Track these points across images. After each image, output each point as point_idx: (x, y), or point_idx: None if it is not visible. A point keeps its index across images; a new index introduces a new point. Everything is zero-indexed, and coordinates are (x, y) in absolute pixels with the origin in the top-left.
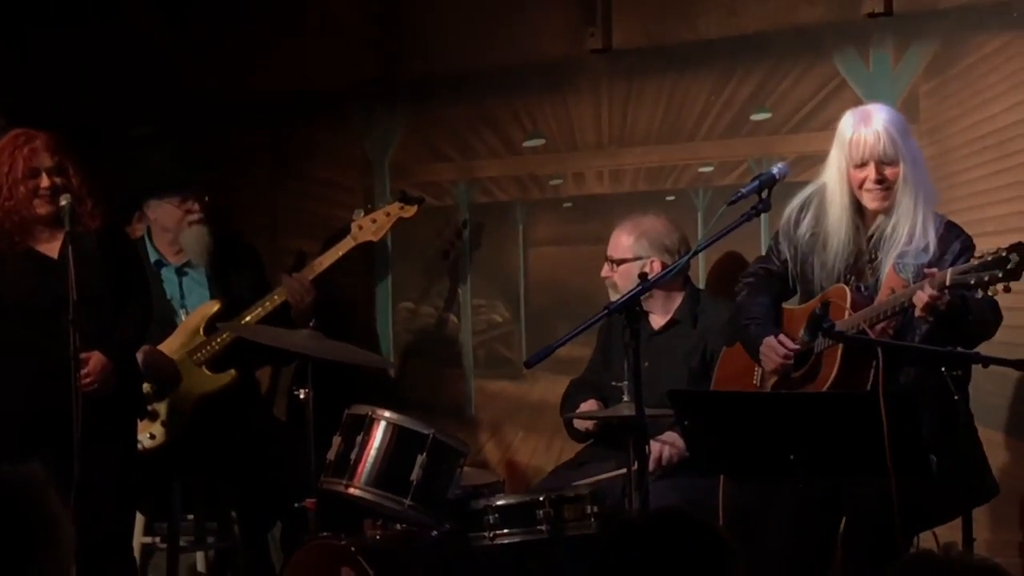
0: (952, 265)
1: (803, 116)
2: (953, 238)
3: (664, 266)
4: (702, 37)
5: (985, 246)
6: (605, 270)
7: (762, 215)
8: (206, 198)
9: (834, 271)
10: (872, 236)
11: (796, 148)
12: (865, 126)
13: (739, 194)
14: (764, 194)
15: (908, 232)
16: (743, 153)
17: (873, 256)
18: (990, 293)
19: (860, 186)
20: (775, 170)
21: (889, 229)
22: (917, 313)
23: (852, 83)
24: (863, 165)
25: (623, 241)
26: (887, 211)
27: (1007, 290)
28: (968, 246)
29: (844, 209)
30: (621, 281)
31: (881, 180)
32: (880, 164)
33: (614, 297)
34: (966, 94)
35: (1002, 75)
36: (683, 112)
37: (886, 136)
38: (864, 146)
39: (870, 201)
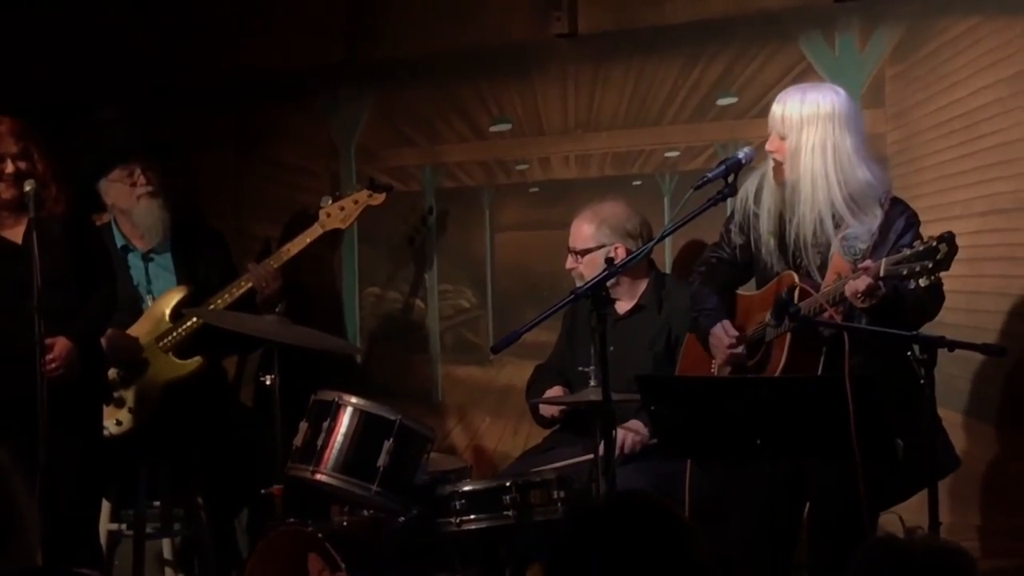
0: (895, 243)
1: (769, 100)
2: (897, 215)
3: (628, 251)
4: (668, 22)
5: (952, 230)
6: (569, 262)
7: (728, 199)
8: (153, 170)
9: (775, 252)
10: (788, 219)
11: (762, 132)
12: (777, 99)
13: (705, 178)
14: (730, 178)
15: (811, 216)
16: (709, 137)
17: (794, 241)
18: (922, 283)
19: None
20: (741, 154)
21: (791, 209)
22: (857, 304)
23: (818, 67)
24: (770, 136)
25: (584, 230)
26: (786, 186)
27: (937, 280)
28: (912, 223)
29: (769, 184)
30: (587, 271)
31: (773, 151)
32: (773, 135)
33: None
34: (932, 78)
35: (968, 59)
36: (649, 97)
37: (782, 108)
38: (769, 117)
39: (775, 173)
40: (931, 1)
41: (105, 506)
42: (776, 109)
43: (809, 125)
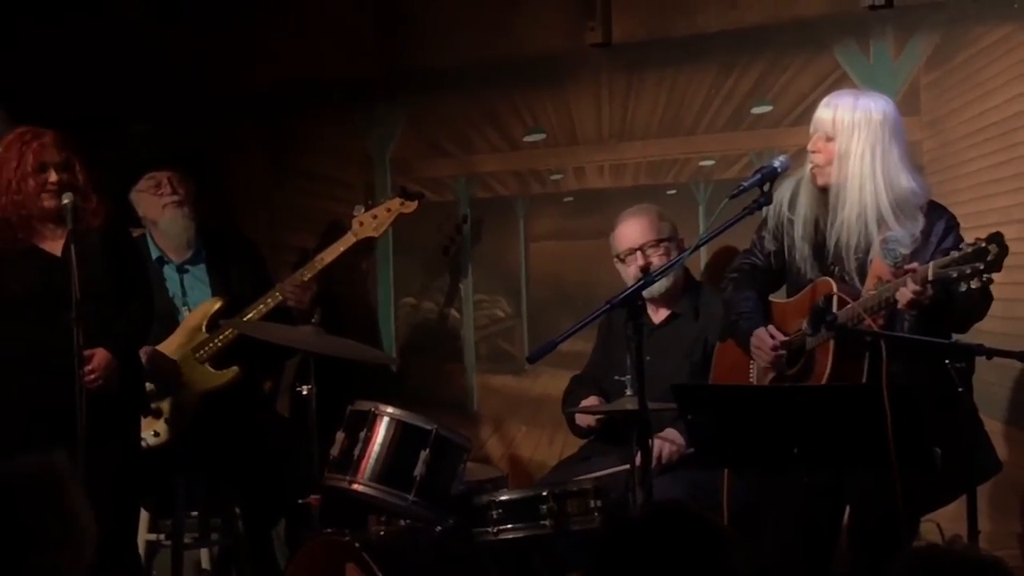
0: (938, 247)
1: (804, 109)
2: (936, 218)
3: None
4: (702, 31)
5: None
6: (639, 260)
7: (763, 208)
8: (180, 180)
9: (809, 258)
10: (829, 223)
11: (797, 141)
12: (826, 102)
13: (741, 187)
14: (766, 187)
15: (857, 220)
16: (744, 146)
17: (834, 247)
18: (974, 285)
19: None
20: (776, 163)
21: (833, 213)
22: (900, 306)
23: (853, 76)
24: (813, 136)
25: (648, 223)
26: (830, 190)
27: (989, 282)
28: (952, 226)
29: (806, 189)
30: (663, 261)
31: (815, 151)
32: (819, 137)
33: (660, 286)
34: (967, 86)
35: (1003, 66)
36: (684, 106)
37: (833, 111)
38: (815, 118)
39: (813, 176)
40: (966, 9)
41: (143, 516)
42: (826, 111)
43: (860, 129)
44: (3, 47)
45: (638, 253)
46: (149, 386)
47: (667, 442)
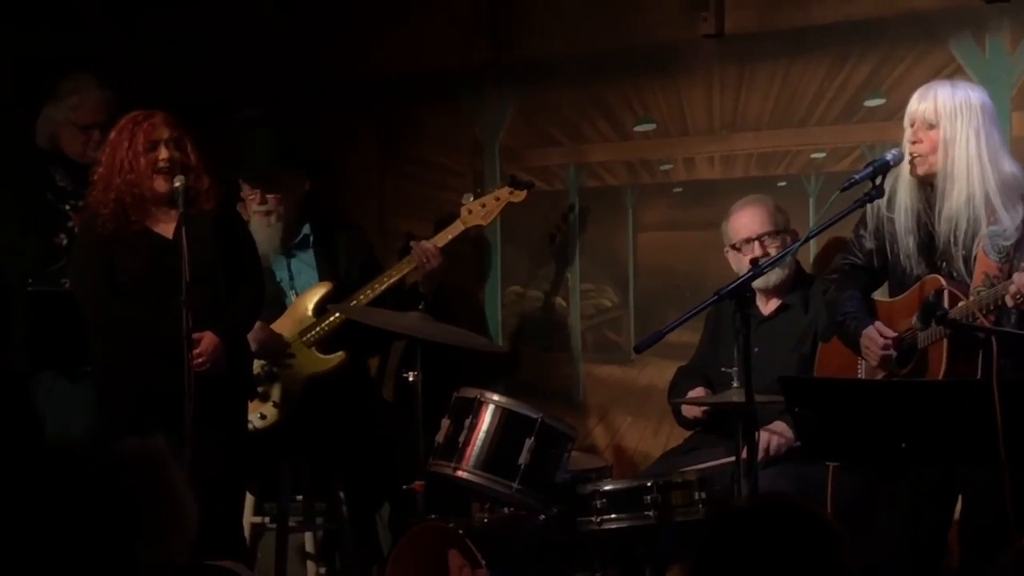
0: None
1: None
2: None
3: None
4: (815, 22)
5: None
6: (756, 249)
7: (874, 201)
8: (275, 191)
9: (914, 254)
10: (937, 213)
11: None
12: (921, 93)
13: (852, 180)
14: (877, 180)
15: (966, 204)
16: (856, 139)
17: (944, 237)
18: None
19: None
20: (889, 156)
21: (940, 201)
22: (1008, 302)
23: (968, 69)
24: (911, 128)
25: (765, 214)
26: (936, 179)
27: None
28: None
29: (906, 184)
30: (778, 252)
31: (916, 141)
32: (919, 127)
33: (774, 277)
34: None
35: None
36: (795, 97)
37: (933, 100)
38: (911, 109)
39: (913, 167)
40: None
41: (248, 499)
42: (924, 100)
43: (963, 113)
44: (120, 32)
45: (755, 243)
46: (256, 368)
47: (775, 435)
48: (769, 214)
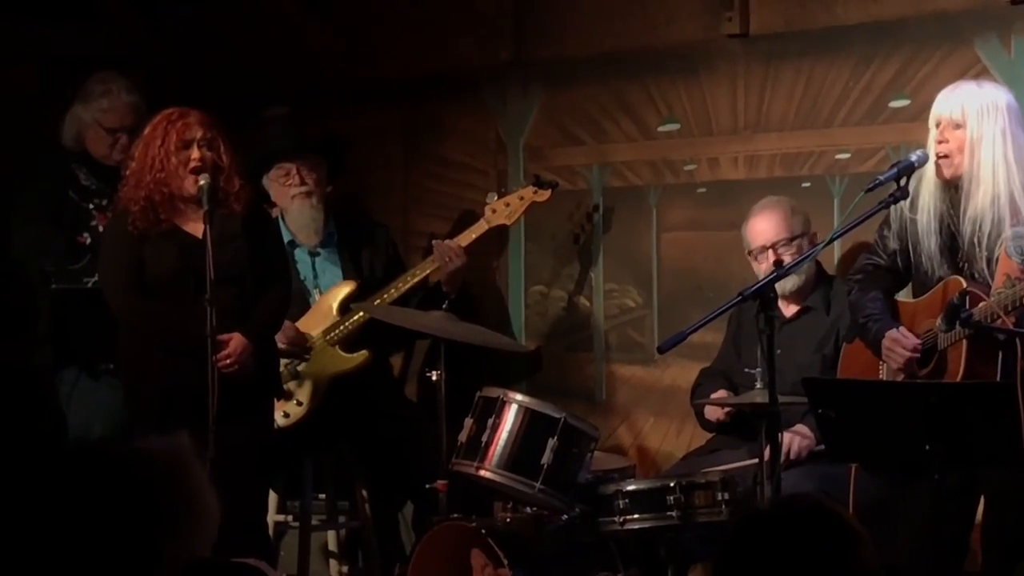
0: None
1: None
2: None
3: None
4: (840, 22)
5: None
6: (770, 257)
7: (899, 203)
8: (310, 169)
9: (937, 255)
10: (961, 214)
11: None
12: (946, 94)
13: (877, 181)
14: (902, 182)
15: (991, 205)
16: (881, 140)
17: (968, 238)
18: None
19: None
20: (913, 157)
21: (965, 201)
22: None
23: (993, 70)
24: (936, 128)
25: (781, 220)
26: (961, 179)
27: None
28: None
29: (930, 185)
30: (794, 258)
31: (942, 141)
32: (946, 127)
33: (791, 283)
34: None
35: None
36: (820, 98)
37: (960, 100)
38: (936, 109)
39: (939, 169)
40: None
41: (272, 497)
42: (949, 101)
43: (989, 113)
44: (146, 30)
45: (769, 251)
46: (280, 366)
47: (798, 436)
48: (784, 219)
